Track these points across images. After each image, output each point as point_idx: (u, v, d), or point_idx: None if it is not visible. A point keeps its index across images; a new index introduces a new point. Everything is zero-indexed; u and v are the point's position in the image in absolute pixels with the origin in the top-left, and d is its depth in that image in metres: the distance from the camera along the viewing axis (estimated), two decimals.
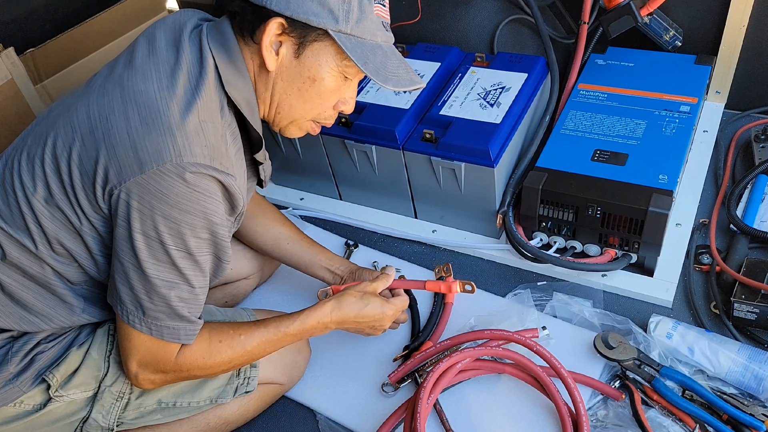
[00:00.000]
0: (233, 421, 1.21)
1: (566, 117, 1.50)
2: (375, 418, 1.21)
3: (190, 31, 1.01)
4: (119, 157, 0.90)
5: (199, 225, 0.94)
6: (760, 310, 1.19)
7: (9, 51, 1.76)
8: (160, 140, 0.89)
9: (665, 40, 1.60)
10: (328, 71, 1.00)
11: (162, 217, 0.91)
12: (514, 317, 1.29)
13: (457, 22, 1.77)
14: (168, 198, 0.90)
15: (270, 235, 1.34)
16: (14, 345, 1.03)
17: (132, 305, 0.97)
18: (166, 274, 0.95)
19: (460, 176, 1.41)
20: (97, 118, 0.93)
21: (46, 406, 1.05)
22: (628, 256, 1.34)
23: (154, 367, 1.02)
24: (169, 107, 0.91)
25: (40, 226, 0.97)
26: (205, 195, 0.92)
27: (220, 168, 0.93)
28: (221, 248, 1.00)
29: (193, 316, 1.00)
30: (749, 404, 1.09)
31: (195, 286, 0.98)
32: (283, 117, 1.06)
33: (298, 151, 1.63)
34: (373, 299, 1.16)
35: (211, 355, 1.04)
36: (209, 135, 0.93)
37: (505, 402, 1.20)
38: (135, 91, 0.93)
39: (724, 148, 1.58)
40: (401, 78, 1.02)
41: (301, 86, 1.01)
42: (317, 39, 0.97)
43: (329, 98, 1.05)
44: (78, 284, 1.04)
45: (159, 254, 0.93)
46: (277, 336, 1.09)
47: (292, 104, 1.04)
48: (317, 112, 1.07)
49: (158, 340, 0.99)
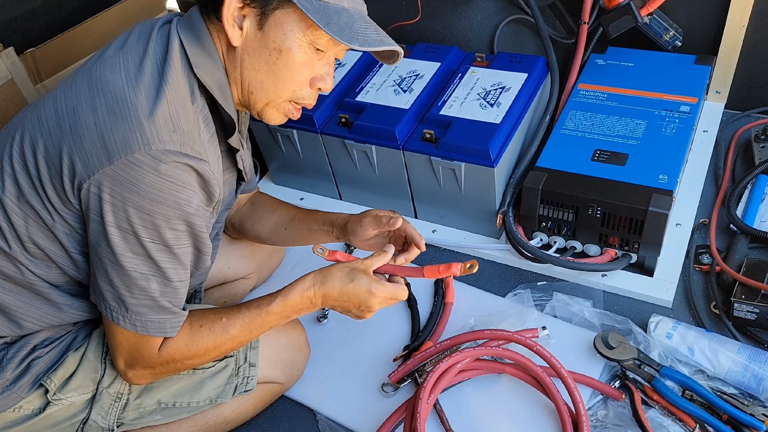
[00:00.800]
0: (233, 420, 1.21)
1: (566, 117, 1.50)
2: (375, 418, 1.21)
3: (161, 25, 0.99)
4: (86, 149, 0.88)
5: (173, 216, 0.91)
6: (760, 310, 1.19)
7: (9, 51, 1.76)
8: (127, 129, 0.87)
9: (665, 40, 1.60)
10: (294, 41, 0.96)
11: (134, 209, 0.89)
12: (514, 317, 1.29)
13: (457, 22, 1.77)
14: (139, 188, 0.88)
15: (268, 226, 1.31)
16: (9, 351, 1.03)
17: (114, 302, 0.95)
18: (143, 267, 0.93)
19: (460, 176, 1.41)
20: (65, 110, 0.92)
21: (45, 410, 1.05)
22: (628, 256, 1.34)
23: (140, 363, 1.00)
24: (136, 95, 0.89)
25: (11, 224, 0.96)
26: (178, 185, 0.90)
27: (191, 154, 0.90)
28: (200, 239, 0.97)
29: (176, 307, 0.98)
30: (749, 404, 1.09)
31: (174, 279, 0.96)
32: (257, 97, 1.01)
33: (298, 151, 1.63)
34: (361, 276, 1.05)
35: (193, 341, 1.02)
36: (179, 121, 0.91)
37: (505, 402, 1.20)
38: (102, 81, 0.92)
39: (724, 148, 1.58)
40: (369, 38, 0.96)
41: (268, 59, 0.97)
42: (279, 6, 0.94)
43: (300, 72, 0.99)
44: (60, 285, 1.03)
45: (135, 247, 0.91)
46: (260, 316, 1.05)
47: (263, 81, 0.99)
48: (291, 90, 1.01)
49: (140, 336, 0.97)
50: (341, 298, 1.06)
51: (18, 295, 1.01)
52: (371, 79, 1.61)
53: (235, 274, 1.40)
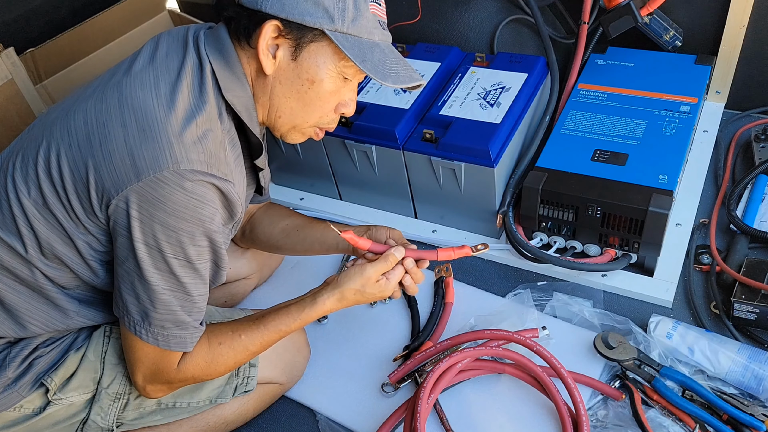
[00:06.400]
0: (233, 421, 1.21)
1: (566, 117, 1.50)
2: (375, 418, 1.21)
3: (191, 40, 1.00)
4: (116, 165, 0.90)
5: (197, 233, 0.93)
6: (760, 310, 1.19)
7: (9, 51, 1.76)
8: (157, 148, 0.89)
9: (665, 40, 1.60)
10: (327, 72, 0.99)
11: (160, 225, 0.90)
12: (514, 317, 1.29)
13: (457, 22, 1.77)
14: (165, 206, 0.90)
15: (280, 228, 1.31)
16: (12, 350, 1.03)
17: (138, 315, 0.97)
18: (167, 283, 0.95)
19: (460, 176, 1.41)
20: (95, 124, 0.93)
21: (46, 410, 1.05)
22: (628, 256, 1.34)
23: (159, 378, 1.02)
24: (167, 115, 0.91)
25: (32, 229, 0.97)
26: (203, 202, 0.92)
27: (218, 174, 0.93)
28: (219, 255, 0.99)
29: (195, 321, 1.00)
30: (749, 404, 1.09)
31: (194, 294, 0.98)
32: (284, 122, 1.05)
33: (298, 152, 1.63)
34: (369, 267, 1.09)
35: (214, 359, 1.04)
36: (207, 142, 0.93)
37: (505, 402, 1.20)
38: (133, 98, 0.93)
39: (724, 148, 1.58)
40: (400, 75, 1.01)
41: (300, 88, 1.00)
42: (314, 40, 0.96)
43: (329, 100, 1.03)
44: (71, 288, 1.03)
45: (159, 263, 0.93)
46: (278, 335, 1.09)
47: (292, 108, 1.03)
48: (318, 116, 1.05)
49: (161, 351, 0.99)
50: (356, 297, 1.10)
51: (27, 297, 1.01)
52: (371, 79, 1.61)
53: (237, 274, 1.40)
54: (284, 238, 1.31)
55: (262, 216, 1.34)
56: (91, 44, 1.98)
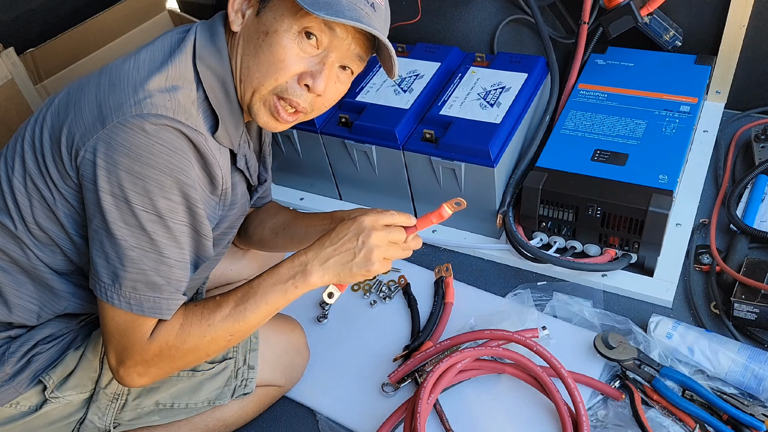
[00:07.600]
0: (233, 423, 1.21)
1: (566, 117, 1.50)
2: (375, 418, 1.21)
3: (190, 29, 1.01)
4: (84, 119, 0.90)
5: (166, 183, 0.88)
6: (760, 310, 1.19)
7: (9, 51, 1.76)
8: (122, 96, 0.89)
9: (665, 40, 1.60)
10: (282, 24, 0.94)
11: (125, 173, 0.87)
12: (514, 317, 1.29)
13: (457, 22, 1.77)
14: (129, 151, 0.86)
15: (269, 227, 1.29)
16: (11, 346, 1.03)
17: (108, 278, 0.91)
18: (136, 240, 0.89)
19: (460, 176, 1.41)
20: (75, 91, 0.96)
21: (42, 408, 1.05)
22: (628, 256, 1.34)
23: (129, 354, 0.93)
24: (138, 71, 0.92)
25: (16, 203, 0.97)
26: (170, 149, 0.88)
27: (184, 121, 0.89)
28: (197, 219, 0.94)
29: (171, 287, 0.93)
30: (749, 404, 1.09)
31: (168, 255, 0.91)
32: (245, 87, 0.98)
33: (298, 152, 1.63)
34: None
35: (186, 322, 0.95)
36: (176, 94, 0.91)
37: (505, 402, 1.20)
38: (113, 65, 0.96)
39: (724, 148, 1.58)
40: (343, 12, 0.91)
41: (256, 42, 0.96)
42: None
43: (282, 57, 0.95)
44: (65, 273, 1.02)
45: (127, 216, 0.88)
46: (251, 288, 0.99)
47: (249, 66, 0.97)
48: (274, 78, 0.96)
49: (133, 318, 0.91)
50: (333, 245, 0.98)
51: (17, 278, 1.00)
52: (371, 79, 1.61)
53: (238, 275, 1.40)
54: (274, 237, 1.29)
55: (253, 216, 1.33)
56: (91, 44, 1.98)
